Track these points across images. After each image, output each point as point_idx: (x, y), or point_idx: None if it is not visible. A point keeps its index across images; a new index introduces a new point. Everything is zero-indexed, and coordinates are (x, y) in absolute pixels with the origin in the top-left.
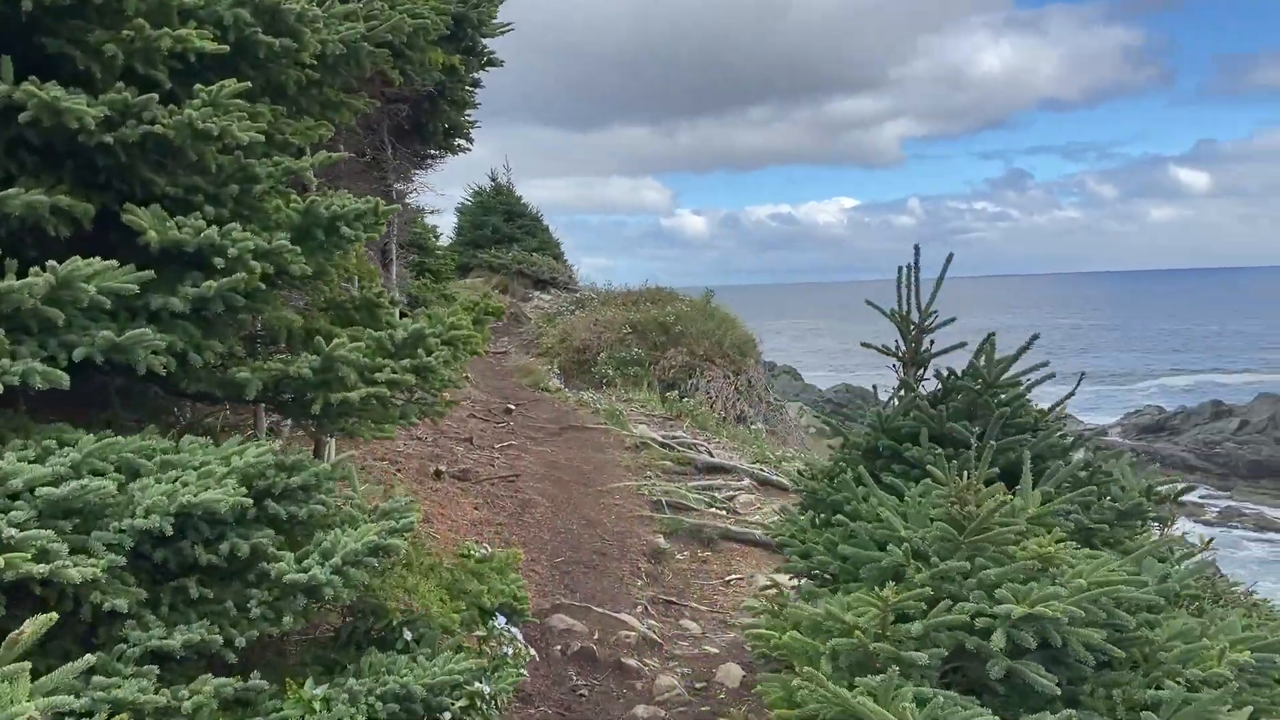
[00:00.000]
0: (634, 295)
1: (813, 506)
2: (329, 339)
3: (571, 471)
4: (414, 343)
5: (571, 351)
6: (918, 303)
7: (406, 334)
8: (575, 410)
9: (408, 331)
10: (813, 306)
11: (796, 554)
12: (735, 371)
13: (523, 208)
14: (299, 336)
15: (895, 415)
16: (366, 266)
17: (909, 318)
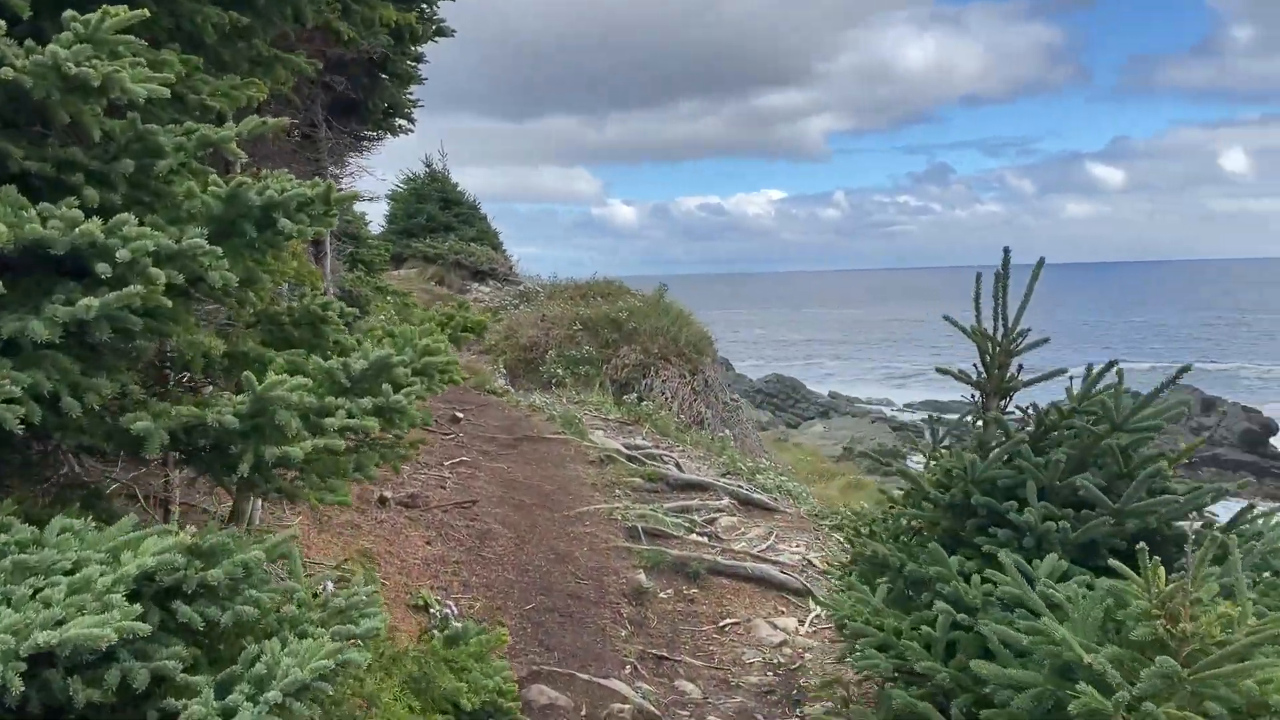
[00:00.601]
0: (582, 289)
1: (876, 572)
2: (262, 369)
3: (533, 493)
4: (377, 374)
5: (518, 349)
6: (1004, 317)
7: (368, 363)
8: (528, 417)
9: (369, 360)
10: (742, 296)
11: (872, 645)
12: (691, 371)
13: (459, 195)
14: (220, 366)
15: (991, 464)
16: (308, 268)
17: (992, 336)
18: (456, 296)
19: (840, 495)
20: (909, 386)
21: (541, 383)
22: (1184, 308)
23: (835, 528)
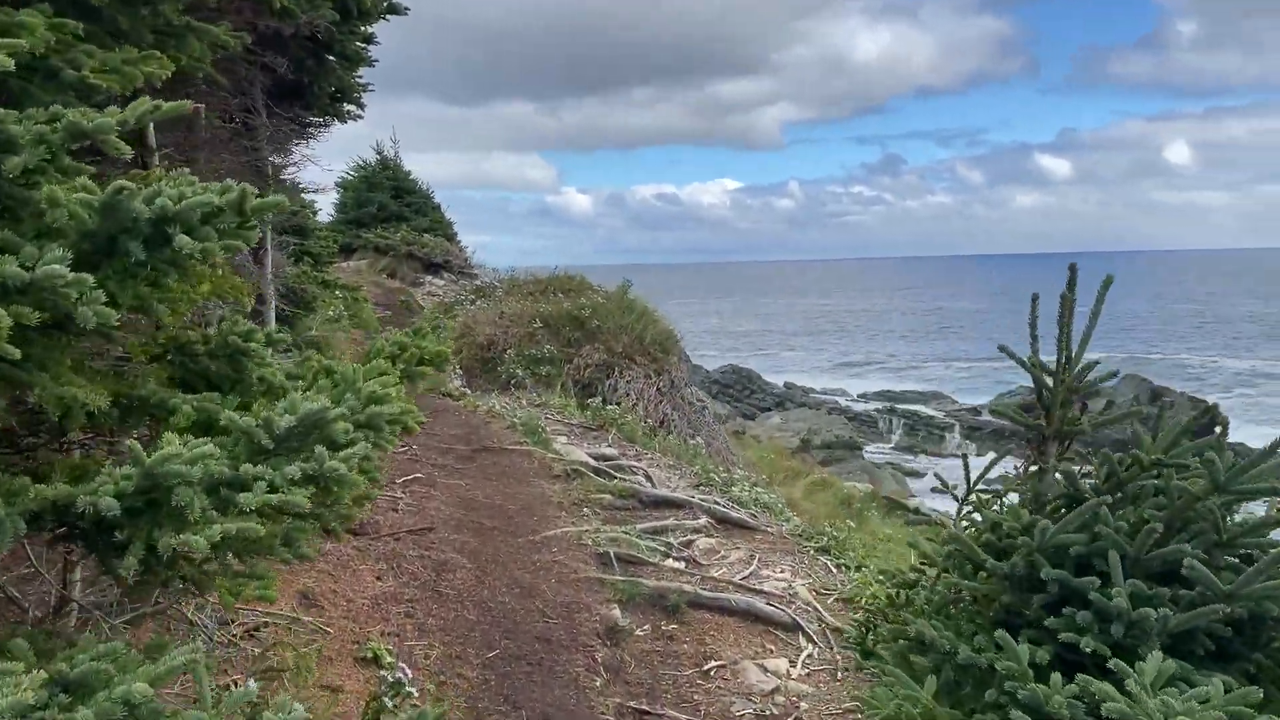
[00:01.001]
0: (542, 284)
1: (916, 651)
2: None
3: (494, 513)
4: (307, 432)
5: (475, 348)
6: (1067, 346)
7: (295, 419)
8: (487, 424)
9: (297, 415)
10: (698, 286)
11: None
12: (657, 370)
13: (412, 184)
14: (111, 418)
15: (1062, 529)
16: (229, 281)
17: (1051, 370)
18: (408, 290)
19: (805, 497)
20: (863, 376)
21: (500, 384)
22: (1132, 299)
23: (821, 550)
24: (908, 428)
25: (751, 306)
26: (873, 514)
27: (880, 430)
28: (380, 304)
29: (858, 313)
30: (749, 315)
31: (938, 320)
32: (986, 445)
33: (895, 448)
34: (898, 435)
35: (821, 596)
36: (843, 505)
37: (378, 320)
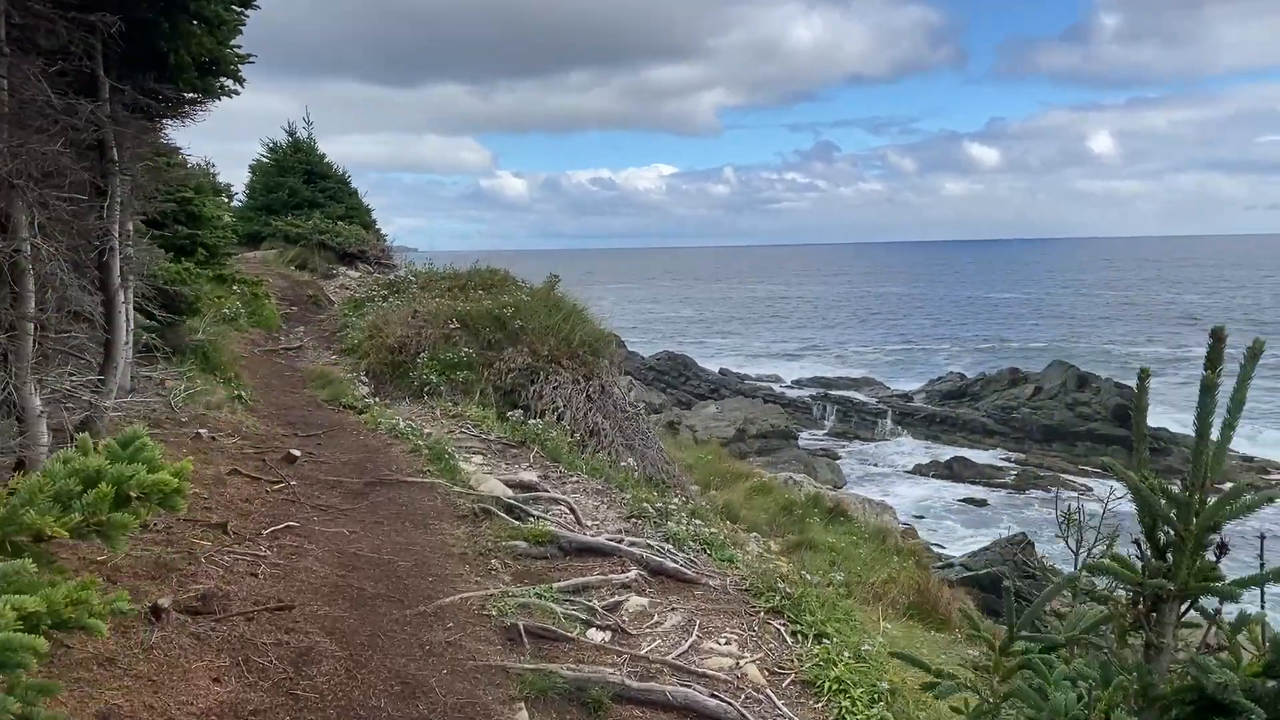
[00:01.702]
0: (461, 279)
1: None
2: None
3: (380, 573)
4: None
5: (384, 351)
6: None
7: None
8: (388, 447)
9: None
10: (634, 272)
11: None
12: (586, 375)
13: (326, 168)
14: None
15: (1220, 670)
16: None
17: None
18: (319, 283)
19: (745, 502)
20: (796, 361)
21: (412, 390)
22: (1057, 286)
23: (773, 610)
24: (840, 414)
25: (688, 292)
26: (815, 520)
27: (814, 417)
28: (286, 299)
29: (792, 299)
30: (685, 301)
31: (869, 306)
32: (919, 431)
33: (828, 434)
34: (831, 421)
35: (776, 677)
36: (784, 511)
37: (280, 318)
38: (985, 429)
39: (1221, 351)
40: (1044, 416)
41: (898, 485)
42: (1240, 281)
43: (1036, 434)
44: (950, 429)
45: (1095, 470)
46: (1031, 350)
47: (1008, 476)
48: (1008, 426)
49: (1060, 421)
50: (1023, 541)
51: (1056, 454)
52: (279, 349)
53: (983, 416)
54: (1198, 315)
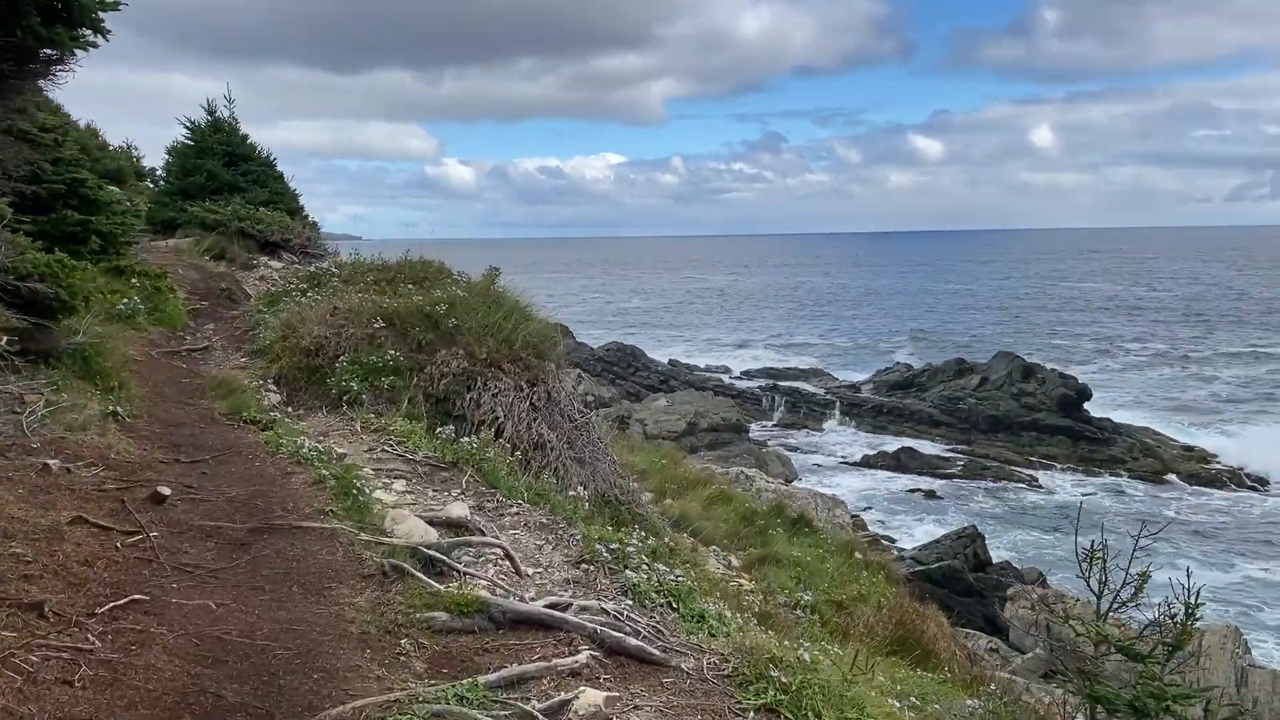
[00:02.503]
0: (389, 271)
1: None
2: None
3: (249, 670)
4: None
5: (298, 353)
6: None
7: None
8: (287, 476)
9: None
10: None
11: None
12: (530, 381)
13: (249, 149)
14: None
15: None
16: None
17: None
18: (236, 274)
19: (704, 512)
20: (746, 352)
21: (329, 399)
22: (1003, 276)
23: (767, 709)
24: (789, 405)
25: (636, 282)
26: (778, 531)
27: (763, 408)
28: (197, 292)
29: (740, 289)
30: (634, 291)
31: (816, 297)
32: (866, 422)
33: (778, 425)
34: (780, 413)
35: None
36: (745, 522)
37: (187, 314)
38: (932, 419)
39: None
40: (990, 407)
41: (846, 476)
42: (1179, 274)
43: (982, 424)
44: (897, 419)
45: (1041, 461)
46: (977, 341)
47: (955, 467)
48: (954, 417)
49: (1006, 412)
50: (973, 534)
51: (1003, 444)
52: (181, 350)
53: (929, 407)
54: (1141, 306)
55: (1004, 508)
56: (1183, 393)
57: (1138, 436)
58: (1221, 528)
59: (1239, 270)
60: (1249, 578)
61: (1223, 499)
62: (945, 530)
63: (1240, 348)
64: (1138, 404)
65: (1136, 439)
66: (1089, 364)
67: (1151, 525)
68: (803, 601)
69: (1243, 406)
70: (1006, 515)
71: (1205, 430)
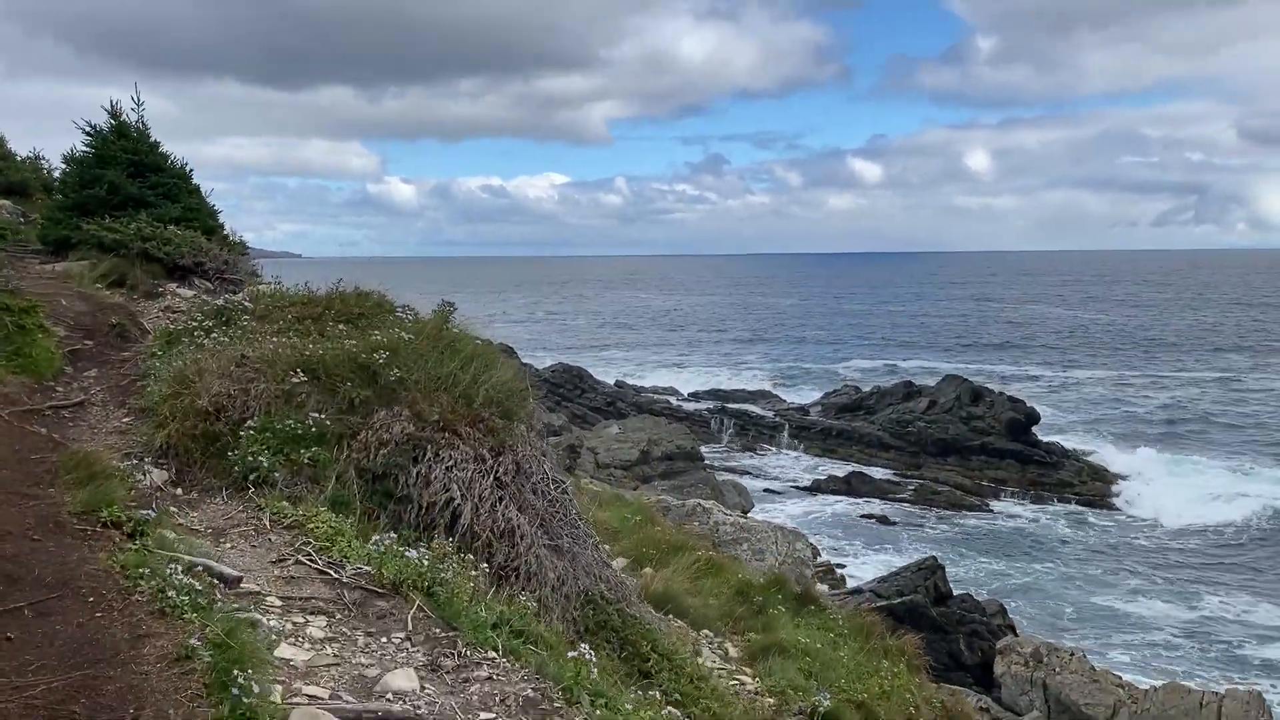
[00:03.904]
0: (316, 305)
1: None
2: None
3: None
4: None
5: (194, 416)
6: None
7: None
8: (138, 643)
9: None
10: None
11: None
12: (495, 449)
13: (160, 159)
14: None
15: None
16: None
17: None
18: (136, 306)
19: (691, 585)
20: (691, 369)
21: (231, 479)
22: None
23: None
24: (738, 427)
25: (582, 302)
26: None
27: (712, 430)
28: (81, 328)
29: (685, 309)
30: (578, 311)
31: (761, 318)
32: (815, 445)
33: (726, 447)
34: (728, 435)
35: None
36: (740, 597)
37: (62, 357)
38: (881, 442)
39: None
40: (939, 430)
41: (797, 501)
42: (1115, 297)
43: (931, 448)
44: (846, 442)
45: (991, 485)
46: (922, 364)
47: (905, 491)
48: (903, 440)
49: (955, 435)
50: (933, 566)
51: (952, 467)
52: (45, 408)
53: (878, 430)
54: (1084, 329)
55: (957, 534)
56: (1123, 414)
57: (1085, 460)
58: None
59: (1175, 294)
60: (1209, 617)
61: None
62: (898, 556)
63: (1171, 371)
64: (1082, 426)
65: (1084, 462)
66: (1032, 385)
67: (1105, 553)
68: (820, 709)
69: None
70: (960, 541)
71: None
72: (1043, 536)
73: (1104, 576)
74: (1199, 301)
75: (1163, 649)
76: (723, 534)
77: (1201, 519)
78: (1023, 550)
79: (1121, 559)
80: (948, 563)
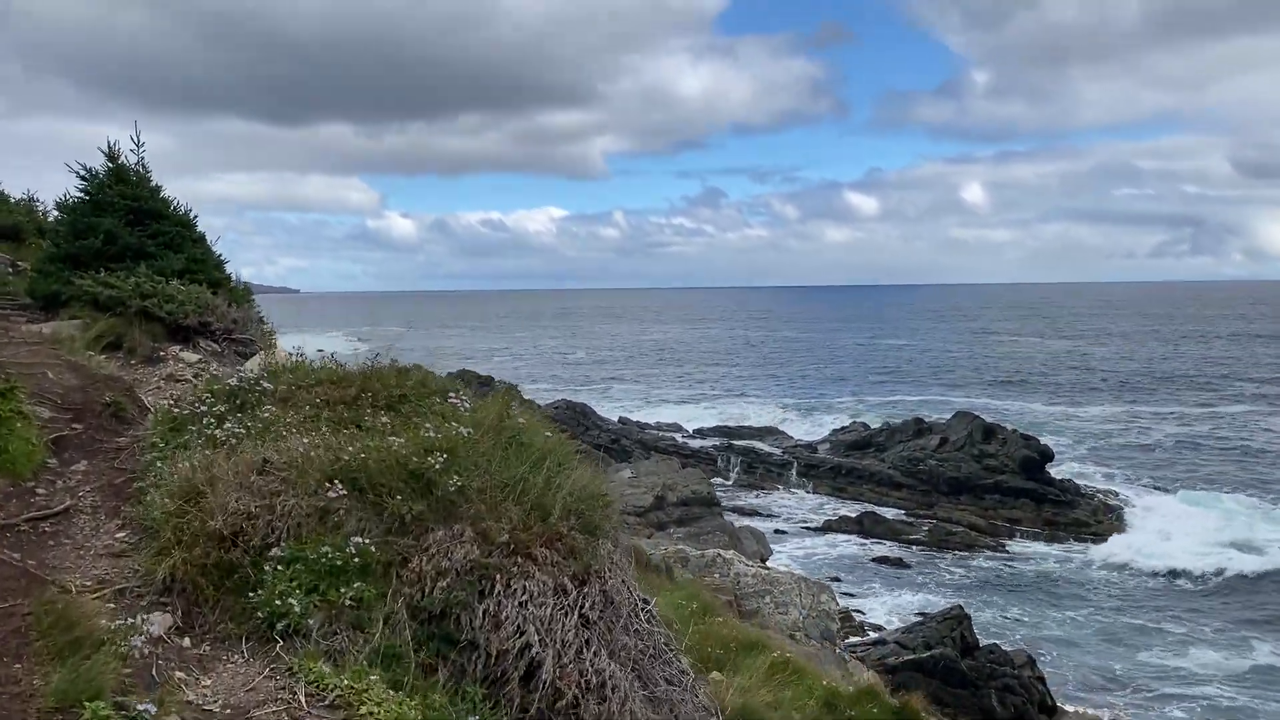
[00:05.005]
0: (348, 384)
1: None
2: None
3: None
4: None
5: (206, 541)
6: None
7: None
8: None
9: None
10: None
11: None
12: (579, 576)
13: (161, 205)
14: None
15: None
16: None
17: None
18: (133, 376)
19: (771, 695)
20: (694, 405)
21: (254, 626)
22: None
23: None
24: (745, 465)
25: (581, 335)
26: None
27: (719, 468)
28: (70, 407)
29: (686, 342)
30: (578, 345)
31: (762, 351)
32: (825, 483)
33: (735, 484)
34: (735, 473)
35: None
36: (828, 710)
37: (45, 447)
38: (892, 481)
39: None
40: (951, 468)
41: (809, 542)
42: (1118, 330)
43: (944, 486)
44: (856, 481)
45: (1005, 525)
46: (927, 398)
47: (919, 532)
48: (914, 478)
49: (968, 474)
50: (959, 616)
51: (966, 507)
52: (20, 520)
53: (889, 468)
54: (1091, 366)
55: (976, 578)
56: (1136, 450)
57: (1101, 498)
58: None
59: (1178, 326)
60: (1261, 665)
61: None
62: (915, 599)
63: (1182, 407)
64: (1094, 462)
65: (1100, 501)
66: (1039, 419)
67: (1138, 598)
68: None
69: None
70: (981, 587)
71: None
72: (1069, 580)
73: (1143, 624)
74: (1206, 334)
75: (1220, 705)
76: (745, 586)
77: (1232, 560)
78: (1050, 596)
79: (1159, 605)
80: (970, 609)
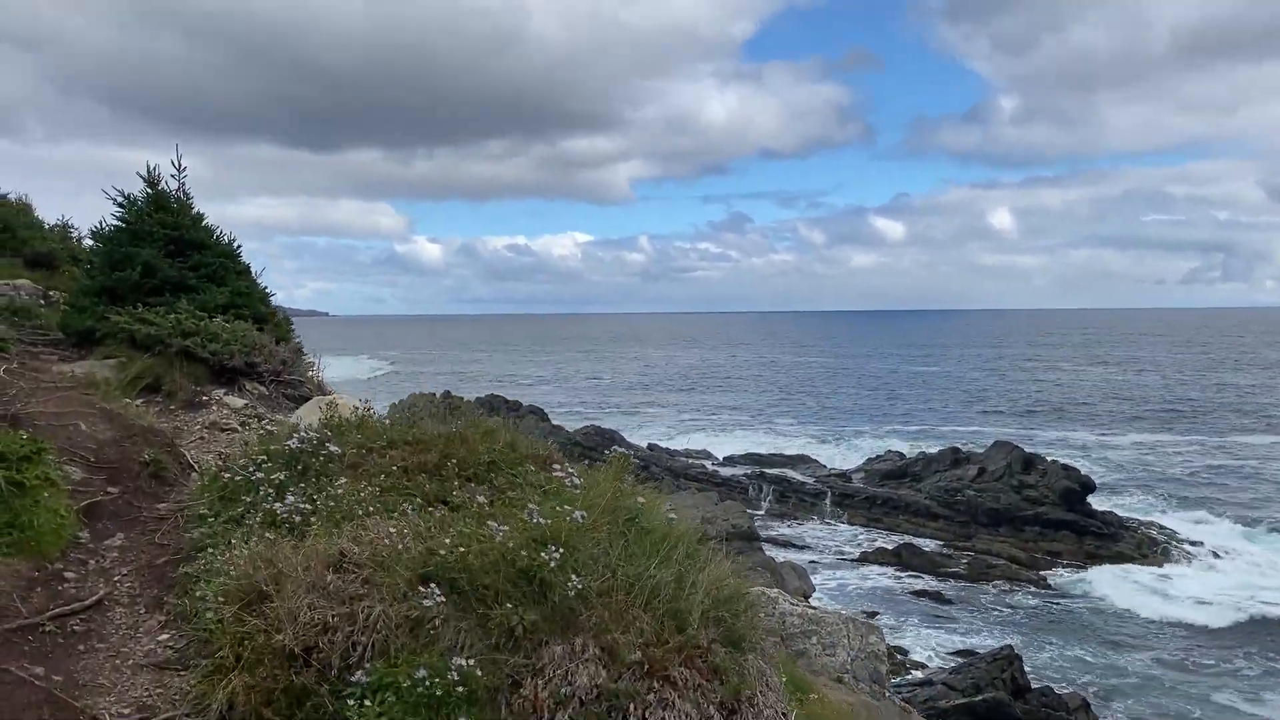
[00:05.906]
0: (427, 448)
1: None
2: None
3: None
4: None
5: (271, 659)
6: None
7: None
8: None
9: None
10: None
11: None
12: (727, 704)
13: (204, 234)
14: None
15: None
16: None
17: None
18: (174, 425)
19: None
20: (723, 431)
21: None
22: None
23: None
24: (778, 494)
25: (607, 360)
26: None
27: (750, 497)
28: (104, 465)
29: (714, 367)
30: (604, 370)
31: (791, 376)
32: (860, 514)
33: (767, 514)
34: (768, 502)
35: None
36: None
37: (76, 517)
38: (929, 511)
39: None
40: (989, 499)
41: (846, 575)
42: (1153, 358)
43: (982, 517)
44: (892, 511)
45: (1046, 558)
46: (959, 428)
47: (958, 565)
48: (952, 509)
49: (1007, 505)
50: (1009, 656)
51: (1005, 538)
52: (44, 619)
53: (925, 499)
54: (1128, 394)
55: (1022, 614)
56: (1179, 480)
57: (1143, 531)
58: None
59: (1214, 354)
60: None
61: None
62: (957, 635)
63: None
64: (1137, 492)
65: (1142, 533)
66: (1075, 448)
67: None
68: None
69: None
70: (1024, 623)
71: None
72: (1119, 616)
73: (1210, 664)
74: (1242, 361)
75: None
76: (790, 626)
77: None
78: (1100, 634)
79: (1226, 644)
80: (1018, 648)
